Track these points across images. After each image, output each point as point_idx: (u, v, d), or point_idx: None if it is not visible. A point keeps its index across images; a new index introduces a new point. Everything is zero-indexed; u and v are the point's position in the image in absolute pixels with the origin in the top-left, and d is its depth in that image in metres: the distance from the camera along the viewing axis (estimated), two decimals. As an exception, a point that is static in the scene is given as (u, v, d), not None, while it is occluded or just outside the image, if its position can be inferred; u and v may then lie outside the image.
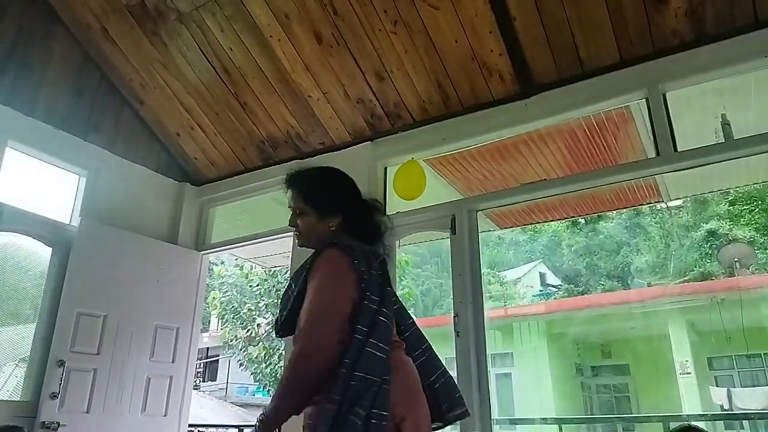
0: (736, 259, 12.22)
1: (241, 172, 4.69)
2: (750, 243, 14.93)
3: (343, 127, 4.12)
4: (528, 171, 4.49)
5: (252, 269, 12.19)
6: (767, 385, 10.30)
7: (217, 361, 19.53)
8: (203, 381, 19.35)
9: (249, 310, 12.36)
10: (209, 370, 20.19)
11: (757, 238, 16.11)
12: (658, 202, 5.93)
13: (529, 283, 20.80)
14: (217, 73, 4.09)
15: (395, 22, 3.46)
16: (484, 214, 4.16)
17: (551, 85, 3.48)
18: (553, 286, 20.53)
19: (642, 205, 7.35)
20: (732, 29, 3.01)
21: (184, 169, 4.89)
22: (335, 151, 4.17)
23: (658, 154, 3.17)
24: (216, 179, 4.84)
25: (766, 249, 15.73)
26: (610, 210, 8.47)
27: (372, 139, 4.08)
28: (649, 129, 3.29)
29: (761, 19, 2.95)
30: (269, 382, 12.27)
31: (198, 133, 4.56)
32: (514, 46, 3.36)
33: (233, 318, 12.60)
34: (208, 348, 18.49)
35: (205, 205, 4.91)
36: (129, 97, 4.49)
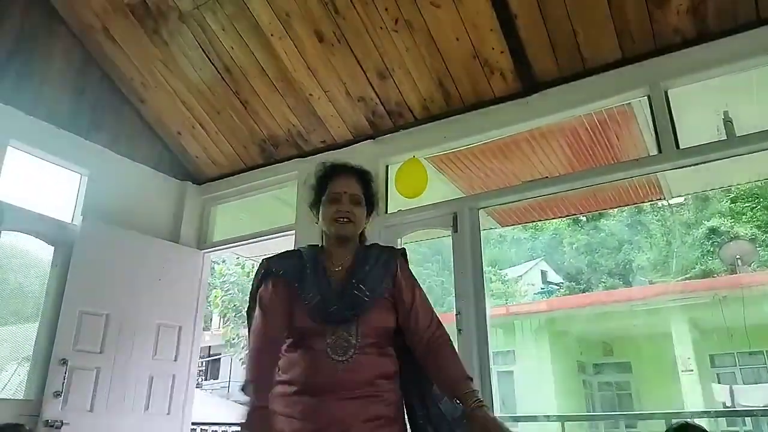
0: (737, 256, 12.22)
1: (243, 171, 4.69)
2: (752, 240, 14.91)
3: (344, 126, 4.11)
4: (530, 169, 4.48)
5: (253, 268, 12.17)
6: (770, 382, 10.31)
7: (219, 359, 19.57)
8: (205, 379, 19.42)
9: (251, 308, 12.36)
10: (211, 368, 20.24)
11: (759, 235, 16.10)
12: (660, 199, 5.92)
13: (530, 281, 20.79)
14: (219, 72, 4.09)
15: (396, 21, 3.45)
16: (486, 212, 4.16)
17: (553, 82, 3.47)
18: (555, 284, 20.51)
19: (644, 202, 7.35)
20: (734, 26, 3.00)
21: (185, 167, 4.89)
22: (337, 150, 4.16)
23: (660, 151, 3.17)
24: (217, 178, 4.84)
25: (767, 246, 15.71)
26: (611, 207, 8.47)
27: (373, 138, 4.08)
28: (651, 126, 3.29)
29: (763, 16, 2.94)
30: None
31: (199, 131, 4.56)
32: (516, 43, 3.36)
33: (235, 317, 12.62)
34: (210, 346, 18.53)
35: (207, 203, 4.92)
36: (130, 96, 4.49)
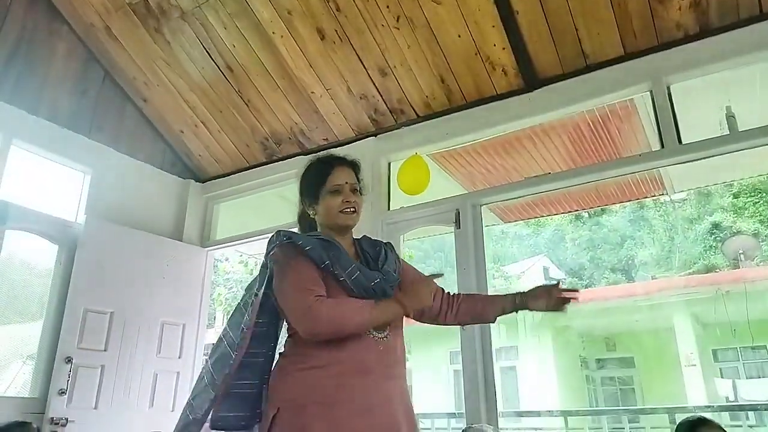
0: (740, 251, 12.19)
1: (245, 169, 4.70)
2: (754, 235, 14.87)
3: (346, 123, 4.12)
4: (532, 165, 4.48)
5: (256, 265, 12.22)
6: (772, 376, 10.32)
7: (222, 357, 19.59)
8: (209, 377, 19.43)
9: (253, 306, 12.38)
10: (215, 366, 20.25)
11: (762, 230, 16.04)
12: (662, 195, 5.93)
13: (532, 278, 20.77)
14: (221, 71, 4.10)
15: (398, 18, 3.45)
16: (488, 208, 4.17)
17: (555, 78, 3.47)
18: (558, 280, 20.44)
19: (646, 198, 7.34)
20: (736, 21, 3.00)
21: (188, 166, 4.90)
22: (339, 147, 4.16)
23: (663, 146, 3.17)
24: (220, 176, 4.85)
25: (770, 241, 15.67)
26: (613, 203, 8.45)
27: (375, 135, 4.08)
28: (654, 122, 3.29)
29: (766, 10, 2.94)
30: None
31: (202, 130, 4.57)
32: (517, 40, 3.36)
33: (238, 314, 12.63)
34: (213, 344, 18.55)
35: (210, 201, 4.93)
36: (133, 95, 4.50)
